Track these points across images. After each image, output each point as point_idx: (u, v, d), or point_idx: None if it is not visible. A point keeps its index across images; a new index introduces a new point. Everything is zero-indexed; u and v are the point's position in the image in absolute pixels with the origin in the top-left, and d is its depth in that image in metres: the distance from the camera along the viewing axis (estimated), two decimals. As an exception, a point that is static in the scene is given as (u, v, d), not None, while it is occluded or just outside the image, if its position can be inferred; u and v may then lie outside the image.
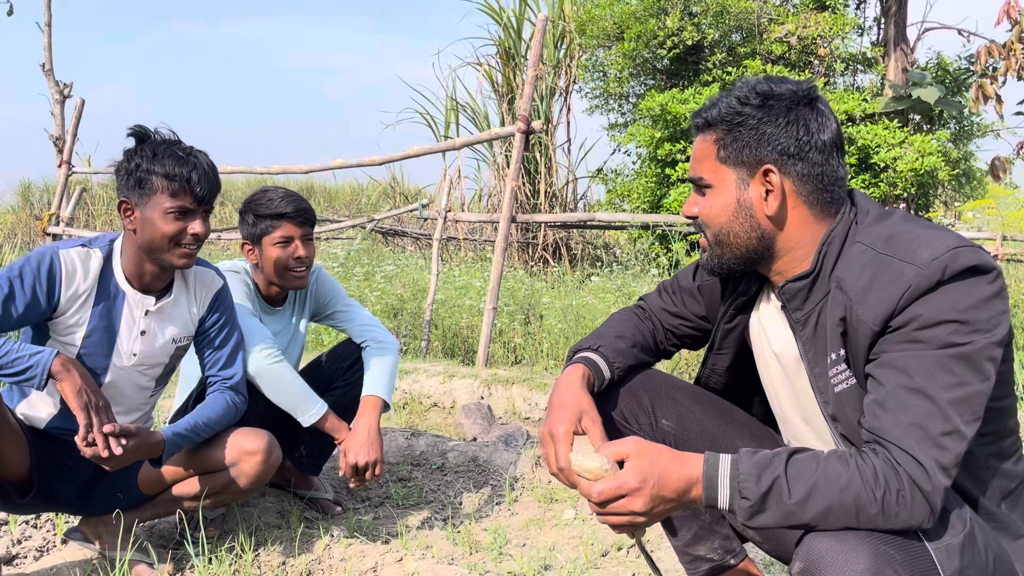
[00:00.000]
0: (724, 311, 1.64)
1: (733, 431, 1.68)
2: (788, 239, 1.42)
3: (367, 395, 2.54)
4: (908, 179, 10.87)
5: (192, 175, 2.04)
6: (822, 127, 1.39)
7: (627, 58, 12.40)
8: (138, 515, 2.31)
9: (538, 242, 10.06)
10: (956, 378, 1.21)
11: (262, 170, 6.16)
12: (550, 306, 6.03)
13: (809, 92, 1.40)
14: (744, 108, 1.40)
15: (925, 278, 1.23)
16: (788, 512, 1.21)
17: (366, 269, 6.92)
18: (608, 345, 1.67)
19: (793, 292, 1.43)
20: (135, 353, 2.17)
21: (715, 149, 1.43)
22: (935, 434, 1.20)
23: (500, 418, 4.07)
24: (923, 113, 12.05)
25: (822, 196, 1.40)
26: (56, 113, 8.34)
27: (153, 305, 2.17)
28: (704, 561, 1.74)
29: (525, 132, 4.86)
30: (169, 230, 2.05)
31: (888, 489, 1.19)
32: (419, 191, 13.22)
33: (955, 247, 1.24)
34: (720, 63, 12.22)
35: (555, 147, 11.00)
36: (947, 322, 1.22)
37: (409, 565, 2.27)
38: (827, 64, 12.38)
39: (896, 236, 1.31)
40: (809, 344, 1.42)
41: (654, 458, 1.28)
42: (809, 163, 1.38)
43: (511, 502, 2.91)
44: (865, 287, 1.30)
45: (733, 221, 1.43)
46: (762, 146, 1.39)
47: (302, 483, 2.83)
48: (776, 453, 1.25)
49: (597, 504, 1.29)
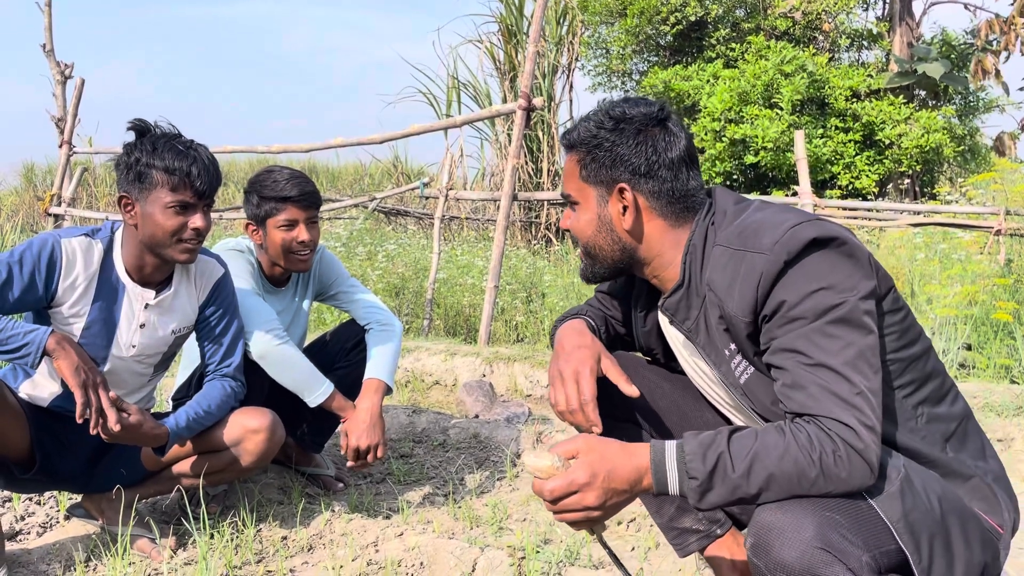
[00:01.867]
0: (634, 317, 1.73)
1: (702, 404, 1.73)
2: (649, 249, 1.53)
3: (369, 378, 2.54)
4: (913, 156, 10.81)
5: (192, 169, 2.02)
6: (670, 145, 1.49)
7: (630, 35, 12.30)
8: (140, 491, 2.32)
9: (540, 221, 10.04)
10: (842, 341, 1.27)
11: (263, 149, 6.15)
12: (552, 284, 6.04)
13: (659, 113, 1.50)
14: (599, 131, 1.50)
15: (772, 263, 1.30)
16: (735, 486, 1.24)
17: (368, 248, 6.92)
18: (590, 313, 1.77)
19: (675, 306, 1.52)
20: (134, 345, 2.16)
21: (578, 169, 1.55)
22: (847, 397, 1.24)
23: (502, 395, 4.08)
24: (928, 89, 11.95)
25: (675, 208, 1.50)
26: (57, 94, 8.32)
27: (153, 299, 2.16)
28: (691, 533, 1.76)
29: (526, 109, 4.84)
30: (170, 225, 2.03)
31: (824, 451, 1.22)
32: (421, 170, 13.20)
33: (793, 225, 1.32)
34: (724, 39, 12.12)
35: (557, 125, 10.96)
36: (813, 292, 1.28)
37: (410, 539, 2.29)
38: (832, 39, 12.28)
39: (745, 229, 1.39)
40: (708, 348, 1.49)
41: (602, 452, 1.30)
42: (659, 180, 1.49)
43: (512, 478, 2.93)
44: (728, 284, 1.38)
45: (597, 235, 1.55)
46: (616, 166, 1.49)
47: (304, 460, 2.84)
48: (718, 432, 1.29)
49: (550, 502, 1.31)
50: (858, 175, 10.73)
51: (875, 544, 1.21)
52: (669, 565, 2.19)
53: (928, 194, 11.63)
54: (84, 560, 2.18)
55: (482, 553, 2.17)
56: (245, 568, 2.21)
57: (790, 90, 10.47)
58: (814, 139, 10.59)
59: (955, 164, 12.60)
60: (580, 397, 1.53)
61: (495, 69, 11.56)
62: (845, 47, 12.70)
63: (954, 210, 5.97)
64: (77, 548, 2.22)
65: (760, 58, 11.04)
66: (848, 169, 10.80)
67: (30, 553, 2.21)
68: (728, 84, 10.83)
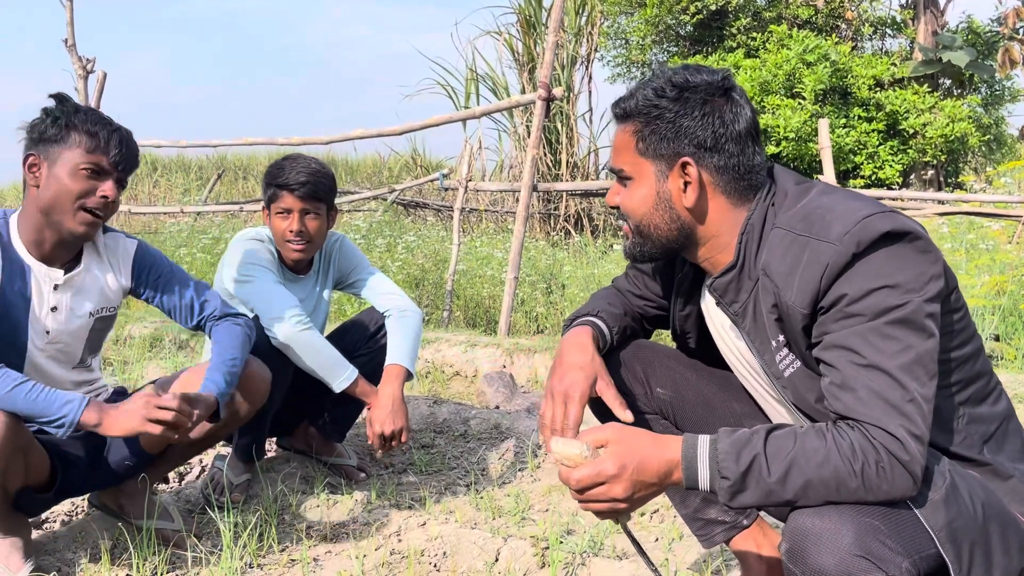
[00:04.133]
0: (674, 299, 1.65)
1: (729, 395, 1.67)
2: (708, 229, 1.44)
3: (390, 364, 2.54)
4: (938, 145, 10.67)
5: (114, 136, 1.95)
6: (737, 117, 1.39)
7: (649, 24, 12.22)
8: (153, 475, 2.31)
9: (560, 213, 10.01)
10: (900, 344, 1.21)
11: (283, 141, 6.17)
12: (572, 275, 6.02)
13: (724, 82, 1.41)
14: (660, 101, 1.40)
15: (840, 254, 1.23)
16: (769, 490, 1.20)
17: (388, 240, 6.93)
18: (605, 311, 1.69)
19: (724, 287, 1.45)
20: (48, 331, 2.03)
21: (634, 141, 1.44)
22: (897, 404, 1.19)
23: (522, 386, 4.07)
24: (953, 77, 11.78)
25: (739, 185, 1.41)
26: (80, 88, 8.37)
27: (61, 278, 2.03)
28: (716, 524, 1.73)
29: (546, 100, 4.81)
30: (77, 187, 1.92)
31: (867, 462, 1.17)
32: (440, 163, 13.19)
33: (866, 216, 1.24)
34: (745, 28, 12.02)
35: (576, 117, 10.91)
36: (876, 290, 1.22)
37: (432, 529, 2.28)
38: (855, 28, 12.13)
39: (811, 214, 1.31)
40: (753, 334, 1.43)
41: (633, 444, 1.27)
42: (725, 154, 1.39)
43: (534, 468, 2.91)
44: (788, 272, 1.30)
45: (654, 213, 1.45)
46: (679, 139, 1.39)
47: (325, 449, 2.84)
48: (755, 431, 1.24)
49: (576, 491, 1.28)
50: (881, 165, 10.61)
51: (915, 549, 1.17)
52: (694, 556, 2.17)
53: (953, 184, 11.47)
54: (109, 548, 2.20)
55: (505, 543, 2.16)
56: (269, 557, 2.22)
57: (812, 79, 10.36)
58: (837, 129, 10.48)
59: (980, 154, 12.42)
60: (564, 421, 1.49)
61: (514, 61, 11.52)
62: (868, 35, 12.55)
63: (981, 199, 5.88)
64: (103, 536, 2.24)
65: (782, 47, 10.93)
66: (871, 159, 10.68)
67: (56, 541, 2.22)
68: (749, 74, 10.73)
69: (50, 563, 2.12)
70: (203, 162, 16.81)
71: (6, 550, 1.99)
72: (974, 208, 5.61)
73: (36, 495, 2.08)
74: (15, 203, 12.90)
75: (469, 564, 2.14)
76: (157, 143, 6.63)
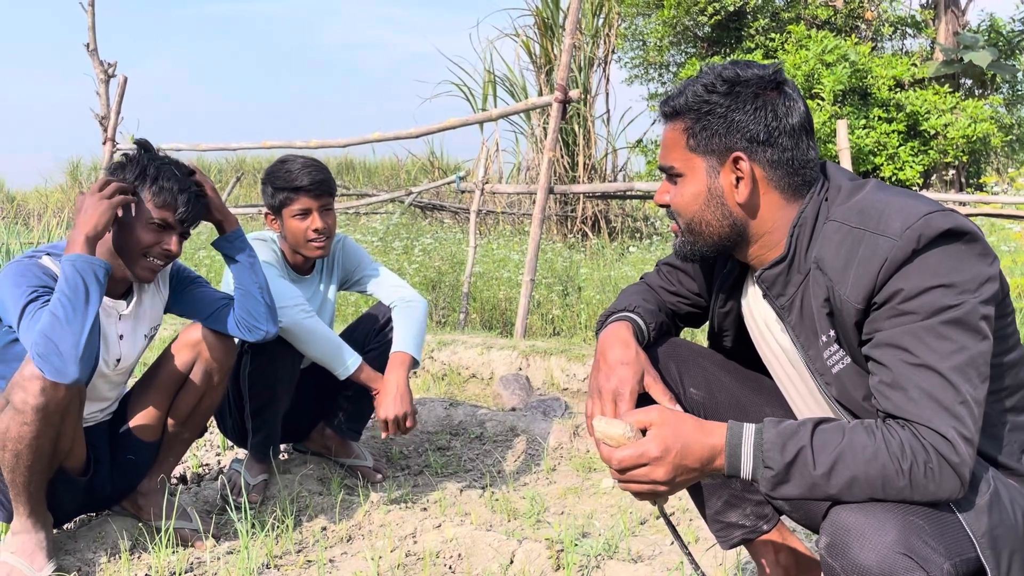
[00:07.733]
0: (715, 296, 1.63)
1: (762, 399, 1.65)
2: (761, 225, 1.42)
3: (395, 351, 2.57)
4: (959, 146, 10.56)
5: (182, 196, 2.07)
6: (790, 111, 1.37)
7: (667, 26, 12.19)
8: (161, 470, 2.35)
9: (576, 215, 9.99)
10: (954, 344, 1.19)
11: (301, 144, 6.19)
12: (589, 277, 6.00)
13: (776, 76, 1.39)
14: (711, 96, 1.38)
15: (900, 249, 1.21)
16: (813, 483, 1.19)
17: (405, 243, 6.95)
18: (641, 307, 1.66)
19: (772, 279, 1.43)
20: (119, 359, 2.19)
21: (684, 138, 1.42)
22: (949, 405, 1.17)
23: (538, 389, 4.07)
24: (975, 77, 11.66)
25: (793, 180, 1.39)
26: (101, 92, 8.47)
27: (126, 308, 2.18)
28: (736, 528, 1.71)
29: (562, 102, 4.81)
30: (144, 239, 2.06)
31: (915, 462, 1.16)
32: (457, 166, 13.21)
33: (927, 213, 1.22)
34: (763, 29, 11.96)
35: (594, 118, 10.88)
36: (931, 288, 1.20)
37: (448, 531, 2.29)
38: (875, 28, 12.04)
39: (868, 208, 1.29)
40: (799, 328, 1.41)
41: (677, 427, 1.27)
42: (779, 148, 1.37)
43: (549, 471, 2.91)
44: (843, 266, 1.28)
45: (705, 209, 1.43)
46: (731, 134, 1.37)
47: (342, 451, 2.86)
48: (802, 423, 1.23)
49: (618, 471, 1.29)
50: (902, 166, 10.51)
51: (956, 551, 1.16)
52: (710, 559, 2.16)
53: (974, 185, 11.35)
54: (128, 548, 2.22)
55: (520, 545, 2.17)
56: (285, 558, 2.23)
57: (832, 80, 10.29)
58: (856, 130, 10.39)
59: (1002, 154, 12.28)
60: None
61: (531, 63, 11.51)
62: (888, 36, 12.44)
63: (1002, 200, 5.81)
64: (122, 536, 2.26)
65: (800, 48, 10.87)
66: (892, 160, 10.58)
67: (76, 541, 2.25)
68: (767, 75, 10.63)
69: (70, 563, 2.15)
70: (222, 165, 16.95)
71: (31, 548, 2.03)
72: (995, 210, 5.55)
73: (72, 480, 2.13)
74: (37, 207, 13.04)
75: (484, 566, 2.14)
76: (176, 146, 6.68)
